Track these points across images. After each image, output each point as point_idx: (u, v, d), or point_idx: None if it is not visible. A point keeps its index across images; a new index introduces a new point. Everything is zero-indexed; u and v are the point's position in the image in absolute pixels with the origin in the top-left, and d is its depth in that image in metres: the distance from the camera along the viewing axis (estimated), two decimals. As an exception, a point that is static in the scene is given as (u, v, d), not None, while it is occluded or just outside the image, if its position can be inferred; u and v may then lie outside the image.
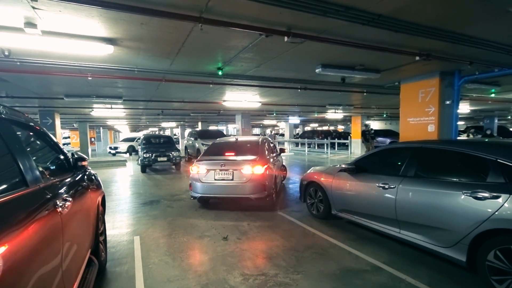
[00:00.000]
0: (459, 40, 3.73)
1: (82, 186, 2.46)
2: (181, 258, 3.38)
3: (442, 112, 5.82)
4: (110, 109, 11.18)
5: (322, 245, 3.70)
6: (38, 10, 2.77)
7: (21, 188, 1.39)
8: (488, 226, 2.46)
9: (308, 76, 6.24)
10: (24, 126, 1.88)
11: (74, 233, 1.97)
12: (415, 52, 4.34)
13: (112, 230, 4.38)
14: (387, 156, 4.04)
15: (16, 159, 1.43)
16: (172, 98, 9.48)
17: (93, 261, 2.58)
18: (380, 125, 24.78)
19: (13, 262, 1.04)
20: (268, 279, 2.85)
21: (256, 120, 22.44)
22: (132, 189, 7.89)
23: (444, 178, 3.05)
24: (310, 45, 3.99)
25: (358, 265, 3.15)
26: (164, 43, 3.91)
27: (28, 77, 5.77)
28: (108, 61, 4.73)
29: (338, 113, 15.04)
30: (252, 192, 5.07)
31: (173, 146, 12.03)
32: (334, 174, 4.39)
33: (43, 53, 4.17)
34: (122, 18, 3.02)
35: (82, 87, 6.97)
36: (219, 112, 13.78)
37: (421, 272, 2.94)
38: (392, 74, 5.93)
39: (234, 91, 8.11)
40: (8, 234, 1.08)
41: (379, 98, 10.03)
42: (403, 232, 3.29)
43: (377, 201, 3.58)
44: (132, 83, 6.63)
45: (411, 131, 6.30)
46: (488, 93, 9.12)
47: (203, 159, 5.59)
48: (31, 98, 8.48)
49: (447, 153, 3.19)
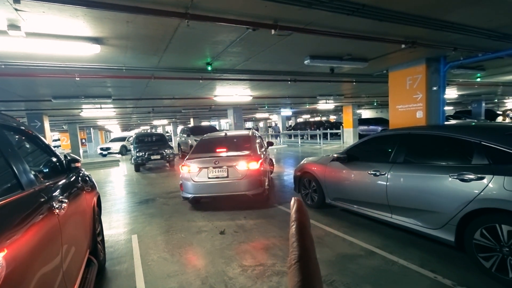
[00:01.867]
0: (442, 26, 3.80)
1: (77, 188, 2.47)
2: (180, 254, 3.43)
3: (430, 98, 5.93)
4: (100, 109, 11.02)
5: (318, 233, 3.80)
6: (21, 12, 2.72)
7: (17, 192, 1.40)
8: (474, 206, 2.57)
9: (298, 68, 6.27)
10: (15, 130, 1.88)
11: (72, 234, 1.99)
12: (400, 40, 4.41)
13: (109, 230, 4.40)
14: (377, 144, 4.13)
15: (10, 163, 1.44)
16: (162, 95, 9.39)
17: (92, 261, 2.61)
18: (371, 113, 25.06)
19: (16, 264, 1.06)
20: (266, 269, 2.93)
21: (248, 114, 22.41)
22: (126, 188, 7.87)
23: (431, 162, 3.16)
24: (298, 37, 4.01)
25: (353, 250, 3.25)
26: (151, 40, 3.88)
27: (13, 80, 5.65)
28: (95, 60, 4.66)
29: (329, 103, 15.13)
30: (248, 189, 4.91)
31: (166, 144, 11.98)
32: (327, 163, 4.47)
33: (28, 55, 4.09)
34: (107, 17, 2.98)
35: (70, 88, 6.85)
36: (211, 107, 13.72)
37: (413, 254, 3.06)
38: (380, 62, 6.00)
39: (224, 86, 8.08)
40: (9, 236, 1.10)
41: (368, 87, 10.13)
42: (395, 216, 3.40)
43: (369, 188, 3.68)
44: (121, 82, 6.55)
45: (400, 118, 6.42)
46: (474, 78, 9.31)
47: (193, 157, 5.25)
48: (17, 102, 8.30)
49: (434, 138, 3.30)
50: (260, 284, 2.67)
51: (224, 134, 6.15)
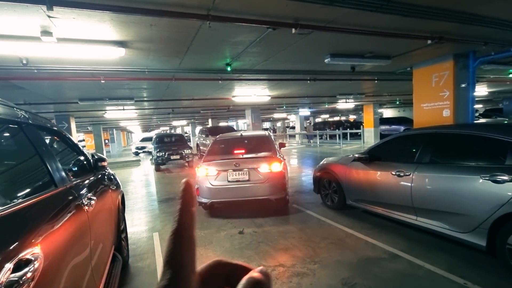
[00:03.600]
0: (471, 20, 3.61)
1: (103, 186, 2.56)
2: (200, 252, 3.48)
3: (458, 96, 5.66)
4: (122, 111, 11.42)
5: (338, 235, 3.73)
6: (53, 18, 2.87)
7: (51, 189, 1.48)
8: (508, 209, 2.42)
9: (317, 66, 6.19)
10: (49, 130, 1.98)
11: (100, 230, 2.07)
12: (426, 35, 4.23)
13: (132, 228, 4.54)
14: (400, 143, 4.00)
15: (45, 162, 1.52)
16: (182, 96, 9.59)
17: (117, 257, 2.70)
18: (393, 112, 24.26)
19: (52, 257, 1.12)
20: (285, 270, 2.91)
21: (266, 114, 22.39)
22: (147, 187, 8.10)
23: (460, 163, 3.01)
24: (318, 35, 3.95)
25: (375, 253, 3.16)
26: (173, 42, 3.97)
27: (44, 84, 5.97)
28: (119, 63, 4.84)
29: (349, 102, 14.81)
30: (271, 193, 4.54)
31: (185, 144, 12.22)
32: (348, 164, 4.38)
33: (58, 60, 4.31)
34: (132, 20, 3.09)
35: (95, 91, 7.15)
36: (229, 108, 13.84)
37: (439, 259, 2.93)
38: (404, 59, 5.80)
39: (243, 86, 8.13)
40: (46, 230, 1.16)
41: (391, 85, 9.82)
42: (420, 219, 3.27)
43: (392, 189, 3.56)
44: (142, 84, 6.77)
45: (425, 117, 6.17)
46: (506, 74, 8.78)
47: (210, 159, 4.89)
48: (47, 104, 8.77)
49: (463, 137, 3.14)
50: (280, 284, 2.65)
51: (239, 135, 5.78)
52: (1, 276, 0.81)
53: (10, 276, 0.84)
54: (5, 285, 0.81)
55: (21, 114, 1.53)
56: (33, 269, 0.95)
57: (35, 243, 1.02)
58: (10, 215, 1.02)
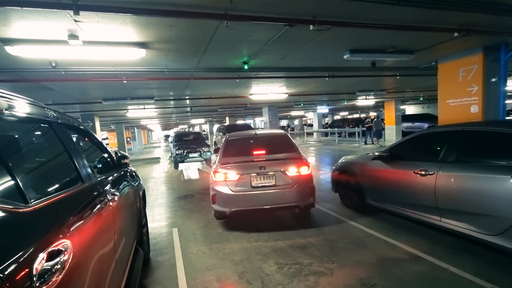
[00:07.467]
0: (503, 11, 3.40)
1: (126, 181, 2.67)
2: (217, 249, 3.54)
3: (487, 91, 5.36)
4: (143, 110, 11.79)
5: (357, 234, 3.66)
6: (79, 22, 3.02)
7: (78, 184, 1.56)
8: (542, 212, 2.27)
9: (336, 63, 6.07)
10: (75, 129, 2.09)
11: (123, 224, 2.16)
12: (453, 28, 4.03)
13: (152, 223, 4.69)
14: (424, 141, 3.84)
15: (73, 159, 1.61)
16: (200, 95, 9.75)
17: (139, 251, 2.80)
18: (416, 109, 23.35)
19: (80, 249, 1.18)
20: (302, 268, 2.90)
21: (283, 112, 22.28)
22: (167, 184, 8.32)
23: (489, 161, 2.86)
24: (337, 31, 3.88)
25: (396, 254, 3.08)
26: (192, 42, 4.04)
27: (71, 85, 6.28)
28: (140, 64, 4.99)
29: (369, 99, 14.41)
30: (300, 199, 4.00)
31: (203, 142, 12.40)
32: (367, 162, 4.27)
33: (83, 62, 4.52)
34: (152, 22, 3.18)
35: (118, 91, 7.43)
36: (246, 106, 13.90)
37: (465, 262, 2.80)
38: (428, 53, 5.56)
39: (260, 84, 8.13)
40: (75, 223, 1.23)
41: (414, 81, 9.46)
42: (444, 220, 3.13)
43: (415, 188, 3.44)
44: (162, 83, 6.94)
45: (451, 114, 5.89)
46: (541, 67, 8.20)
47: (229, 161, 4.19)
48: (73, 104, 9.22)
49: (493, 135, 2.97)
50: (296, 282, 2.65)
51: (255, 134, 5.06)
52: (36, 265, 0.87)
53: (44, 264, 0.90)
54: (39, 273, 0.86)
55: (51, 114, 1.62)
56: (63, 260, 1.01)
57: (65, 235, 1.09)
58: (43, 208, 1.09)
